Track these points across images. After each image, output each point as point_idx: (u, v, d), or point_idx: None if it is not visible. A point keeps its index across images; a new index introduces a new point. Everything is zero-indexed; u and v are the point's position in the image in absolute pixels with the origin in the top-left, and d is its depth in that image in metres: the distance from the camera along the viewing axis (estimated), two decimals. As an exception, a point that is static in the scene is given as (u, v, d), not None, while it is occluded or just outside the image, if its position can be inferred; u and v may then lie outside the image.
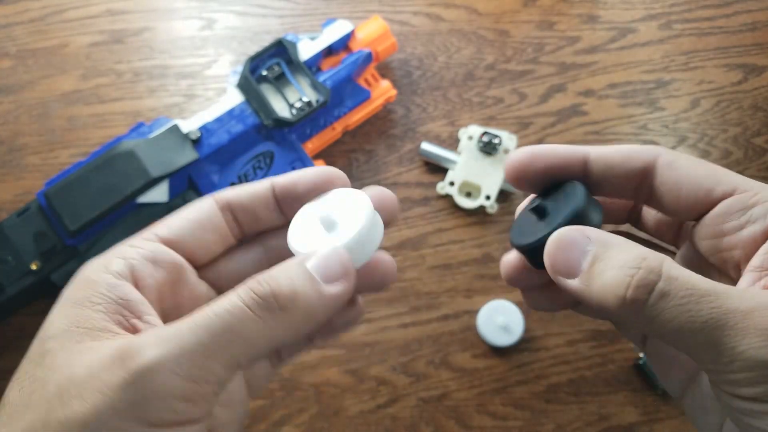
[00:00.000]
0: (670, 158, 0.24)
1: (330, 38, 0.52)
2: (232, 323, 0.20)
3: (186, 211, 0.26)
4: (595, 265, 0.21)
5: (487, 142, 0.52)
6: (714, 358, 0.20)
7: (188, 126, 0.50)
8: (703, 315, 0.19)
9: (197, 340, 0.20)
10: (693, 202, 0.23)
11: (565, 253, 0.22)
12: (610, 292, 0.21)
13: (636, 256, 0.21)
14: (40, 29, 0.58)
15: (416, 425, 0.50)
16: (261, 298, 0.21)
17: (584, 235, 0.22)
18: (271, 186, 0.27)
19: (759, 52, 0.58)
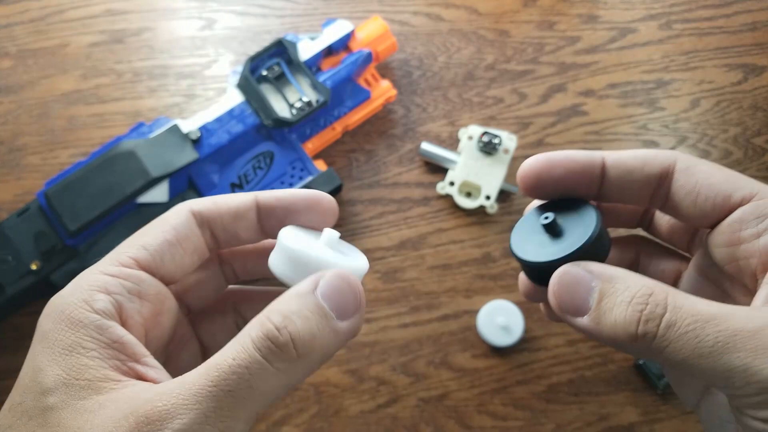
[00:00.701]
0: (687, 163, 0.24)
1: (330, 38, 0.52)
2: (251, 381, 0.19)
3: (162, 228, 0.24)
4: (602, 302, 0.21)
5: (487, 142, 0.52)
6: (727, 383, 0.19)
7: (188, 126, 0.50)
8: (710, 340, 0.19)
9: (219, 405, 0.19)
10: (710, 207, 0.23)
11: (570, 292, 0.22)
12: (621, 329, 0.21)
13: (642, 291, 0.21)
14: (40, 29, 0.58)
15: (416, 425, 0.50)
16: (280, 350, 0.20)
17: (588, 272, 0.22)
18: (254, 203, 0.25)
19: (759, 52, 0.58)
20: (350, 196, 0.54)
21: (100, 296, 0.21)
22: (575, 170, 0.24)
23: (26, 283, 0.47)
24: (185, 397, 0.19)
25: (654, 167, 0.24)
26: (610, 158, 0.24)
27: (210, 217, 0.25)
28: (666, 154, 0.24)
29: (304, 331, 0.20)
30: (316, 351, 0.21)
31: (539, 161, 0.24)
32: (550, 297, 0.22)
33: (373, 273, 0.53)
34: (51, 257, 0.47)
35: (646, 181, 0.24)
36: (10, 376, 0.50)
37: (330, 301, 0.21)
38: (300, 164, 0.51)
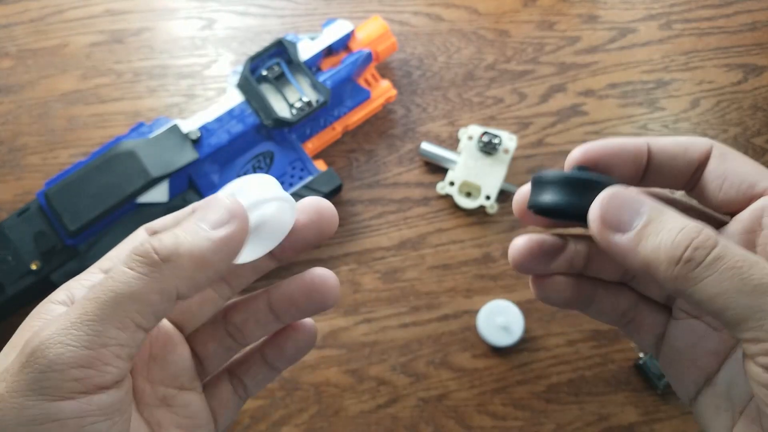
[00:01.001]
0: (722, 150, 0.25)
1: (330, 38, 0.52)
2: (115, 287, 0.21)
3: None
4: (649, 226, 0.22)
5: (487, 142, 0.52)
6: (758, 324, 0.20)
7: (188, 126, 0.50)
8: (755, 278, 0.20)
9: (83, 311, 0.21)
10: (735, 193, 0.24)
11: (618, 208, 0.22)
12: (665, 252, 0.21)
13: (693, 225, 0.21)
14: (40, 29, 0.58)
15: (416, 425, 0.50)
16: (141, 256, 0.21)
17: (640, 197, 0.22)
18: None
19: (759, 52, 0.58)
20: (350, 196, 0.54)
21: (61, 292, 0.24)
22: (627, 159, 0.25)
23: (26, 283, 0.47)
24: (57, 315, 0.21)
25: (694, 152, 0.25)
26: (655, 145, 0.25)
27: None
28: (703, 140, 0.25)
29: (167, 238, 0.22)
30: (184, 255, 0.21)
31: (593, 151, 0.25)
32: (594, 210, 0.22)
33: (373, 273, 0.53)
34: (51, 257, 0.47)
35: (688, 165, 0.25)
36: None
37: (200, 216, 0.23)
38: (300, 164, 0.51)
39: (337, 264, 0.53)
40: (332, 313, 0.52)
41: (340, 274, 0.53)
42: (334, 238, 0.53)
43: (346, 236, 0.53)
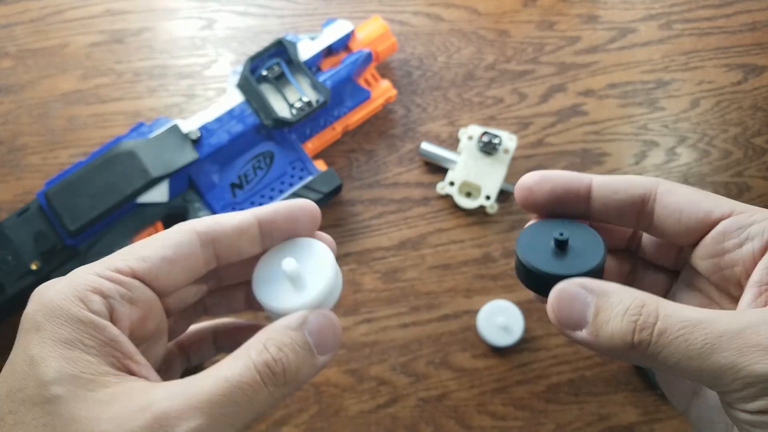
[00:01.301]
0: (669, 186, 0.26)
1: (330, 38, 0.52)
2: (251, 396, 0.22)
3: (164, 244, 0.25)
4: (599, 316, 0.23)
5: (487, 142, 0.52)
6: (716, 381, 0.21)
7: (188, 126, 0.50)
8: (699, 342, 0.21)
9: (225, 412, 0.21)
10: (694, 223, 0.25)
11: (568, 307, 0.24)
12: (619, 339, 0.22)
13: (635, 303, 0.22)
14: (40, 29, 0.58)
15: (416, 425, 0.50)
16: (274, 375, 0.23)
17: (584, 288, 0.24)
18: (255, 220, 0.27)
19: (759, 52, 0.58)
20: (350, 196, 0.54)
21: (95, 297, 0.23)
22: (563, 186, 0.26)
23: (26, 283, 0.47)
24: (199, 401, 0.21)
25: (638, 188, 0.26)
26: (597, 179, 0.26)
27: (215, 236, 0.26)
28: (649, 179, 0.26)
29: (293, 363, 0.24)
30: (298, 380, 0.24)
31: (532, 177, 0.27)
32: (550, 312, 0.24)
33: (373, 273, 0.53)
34: (51, 257, 0.47)
35: (631, 201, 0.26)
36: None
37: (314, 338, 0.25)
38: (300, 164, 0.51)
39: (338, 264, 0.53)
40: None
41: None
42: (334, 238, 0.53)
43: (346, 236, 0.53)
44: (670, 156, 0.56)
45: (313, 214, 0.28)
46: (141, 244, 0.25)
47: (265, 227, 0.27)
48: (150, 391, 0.21)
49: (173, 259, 0.25)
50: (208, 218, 0.26)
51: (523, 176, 0.27)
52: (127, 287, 0.24)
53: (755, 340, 0.20)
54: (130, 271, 0.24)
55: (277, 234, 0.27)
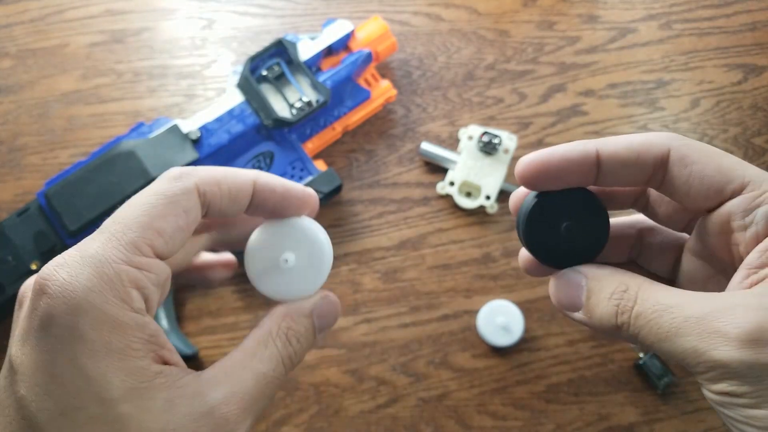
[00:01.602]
0: (681, 153, 0.24)
1: (330, 38, 0.52)
2: (277, 387, 0.25)
3: (175, 212, 0.24)
4: (590, 298, 0.25)
5: (487, 142, 0.52)
6: (684, 363, 0.22)
7: (188, 126, 0.50)
8: (665, 326, 0.22)
9: (262, 406, 0.24)
10: (702, 200, 0.25)
11: (566, 292, 0.26)
12: (606, 320, 0.24)
13: (619, 288, 0.24)
14: (40, 29, 0.58)
15: (416, 425, 0.50)
16: (292, 365, 0.26)
17: (579, 274, 0.26)
18: (251, 188, 0.26)
19: (759, 52, 0.58)
20: (350, 196, 0.54)
21: (135, 294, 0.22)
22: (571, 168, 0.25)
23: (26, 283, 0.47)
24: (248, 402, 0.23)
25: (647, 158, 0.25)
26: (604, 151, 0.25)
27: (212, 199, 0.25)
28: (660, 141, 0.25)
29: (305, 350, 0.26)
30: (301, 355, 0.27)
31: (533, 163, 0.25)
32: (551, 297, 0.26)
33: (373, 273, 0.53)
34: (51, 257, 0.47)
35: (640, 172, 0.25)
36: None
37: (319, 321, 0.27)
38: (300, 164, 0.51)
39: (337, 264, 0.53)
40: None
41: (340, 274, 0.53)
42: (334, 238, 0.53)
43: (346, 236, 0.53)
44: (670, 156, 0.56)
45: (315, 206, 0.28)
46: (151, 212, 0.23)
47: (258, 198, 0.26)
48: (203, 392, 0.23)
49: (185, 227, 0.24)
50: (206, 174, 0.25)
51: (521, 161, 0.26)
52: (155, 271, 0.23)
53: (714, 326, 0.21)
54: (153, 251, 0.23)
55: (267, 209, 0.27)
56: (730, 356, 0.20)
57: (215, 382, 0.23)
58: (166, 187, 0.24)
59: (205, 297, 0.52)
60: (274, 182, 0.27)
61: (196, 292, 0.52)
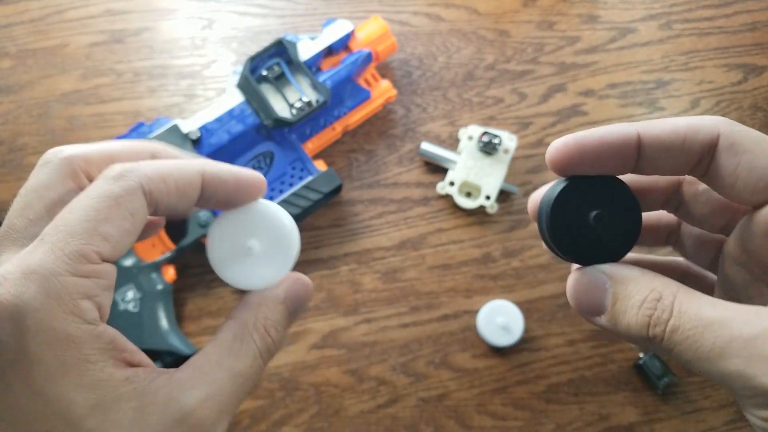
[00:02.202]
0: (731, 140, 0.23)
1: (330, 38, 0.52)
2: (255, 381, 0.24)
3: (121, 215, 0.22)
4: (616, 304, 0.22)
5: (487, 142, 0.52)
6: (729, 385, 0.20)
7: (188, 126, 0.50)
8: (708, 345, 0.20)
9: (239, 403, 0.24)
10: (749, 193, 0.22)
11: (587, 294, 0.23)
12: (636, 331, 0.22)
13: (652, 295, 0.21)
14: (40, 29, 0.58)
15: (416, 425, 0.50)
16: (270, 356, 0.25)
17: (602, 274, 0.23)
18: (200, 181, 0.24)
19: (759, 52, 0.58)
20: (350, 196, 0.54)
21: (86, 304, 0.21)
22: (609, 153, 0.23)
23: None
24: (225, 404, 0.23)
25: (694, 145, 0.23)
26: (647, 135, 0.23)
27: (159, 197, 0.23)
28: (708, 127, 0.23)
29: (284, 337, 0.26)
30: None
31: (569, 146, 0.23)
32: (569, 297, 0.23)
33: (373, 273, 0.53)
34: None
35: (685, 159, 0.23)
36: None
37: (293, 304, 0.26)
38: (300, 164, 0.51)
39: (337, 264, 0.53)
40: (332, 313, 0.52)
41: (340, 274, 0.53)
42: (334, 238, 0.53)
43: (346, 236, 0.53)
44: (670, 156, 0.56)
45: (263, 189, 0.26)
46: (95, 216, 0.21)
47: (208, 191, 0.25)
48: (176, 396, 0.22)
49: (132, 230, 0.22)
50: (150, 170, 0.23)
51: (554, 144, 0.23)
52: (105, 277, 0.22)
53: (765, 350, 0.19)
54: (100, 257, 0.21)
55: (219, 200, 0.25)
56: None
57: (189, 384, 0.22)
58: (108, 188, 0.22)
59: (205, 297, 0.52)
60: (223, 172, 0.25)
61: (196, 291, 0.52)
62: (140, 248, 0.49)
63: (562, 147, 0.23)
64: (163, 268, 0.49)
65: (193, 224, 0.50)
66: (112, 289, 0.22)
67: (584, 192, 0.24)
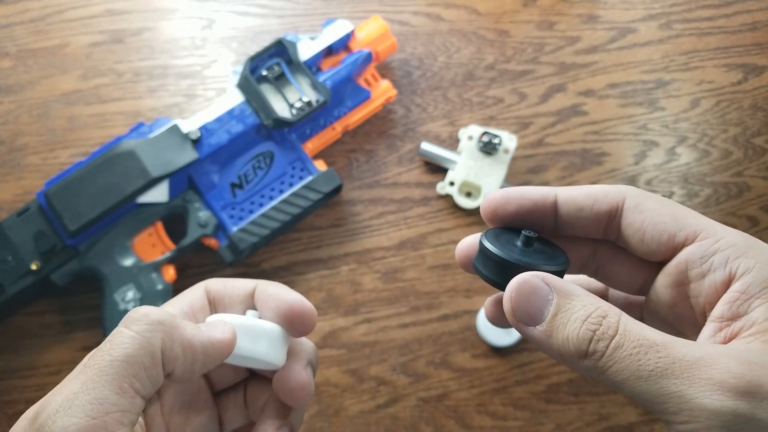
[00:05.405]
0: (636, 201, 0.25)
1: (330, 38, 0.52)
2: (113, 351, 0.23)
3: (180, 301, 0.28)
4: (557, 316, 0.22)
5: (487, 142, 0.52)
6: (662, 407, 0.20)
7: (188, 126, 0.50)
8: (651, 364, 0.20)
9: (85, 378, 0.22)
10: (656, 246, 0.24)
11: (527, 300, 0.23)
12: (573, 344, 0.22)
13: (598, 312, 0.22)
14: (40, 29, 0.58)
15: (416, 425, 0.50)
16: (138, 320, 0.24)
17: (546, 283, 0.23)
18: (253, 292, 0.29)
19: (759, 52, 0.58)
20: (350, 196, 0.54)
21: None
22: (528, 207, 0.26)
23: (26, 283, 0.47)
24: (62, 388, 0.23)
25: (603, 205, 0.25)
26: (562, 196, 0.26)
27: (216, 296, 0.29)
28: (616, 191, 0.25)
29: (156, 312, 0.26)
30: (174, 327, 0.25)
31: (495, 199, 0.26)
32: (506, 302, 0.23)
33: (373, 273, 0.53)
34: (51, 257, 0.47)
35: (596, 218, 0.25)
36: (10, 376, 0.50)
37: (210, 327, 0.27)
38: (300, 164, 0.51)
39: (337, 264, 0.53)
40: (332, 313, 0.52)
41: (340, 274, 0.53)
42: (334, 238, 0.53)
43: (346, 236, 0.53)
44: (670, 156, 0.56)
45: (309, 320, 0.29)
46: (166, 304, 0.28)
47: (258, 302, 0.29)
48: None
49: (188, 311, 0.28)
50: (220, 279, 0.29)
51: (487, 196, 0.27)
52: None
53: (708, 373, 0.20)
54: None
55: (264, 313, 0.29)
56: (723, 406, 0.19)
57: None
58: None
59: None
60: (274, 293, 0.29)
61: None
62: (140, 248, 0.49)
63: (491, 199, 0.26)
64: (163, 268, 0.49)
65: (193, 224, 0.50)
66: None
67: (513, 229, 0.27)
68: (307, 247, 0.53)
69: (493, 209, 0.26)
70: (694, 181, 0.55)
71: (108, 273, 0.48)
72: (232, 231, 0.49)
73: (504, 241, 0.25)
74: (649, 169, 0.55)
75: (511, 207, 0.26)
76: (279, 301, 0.28)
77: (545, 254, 0.25)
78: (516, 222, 0.26)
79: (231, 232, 0.49)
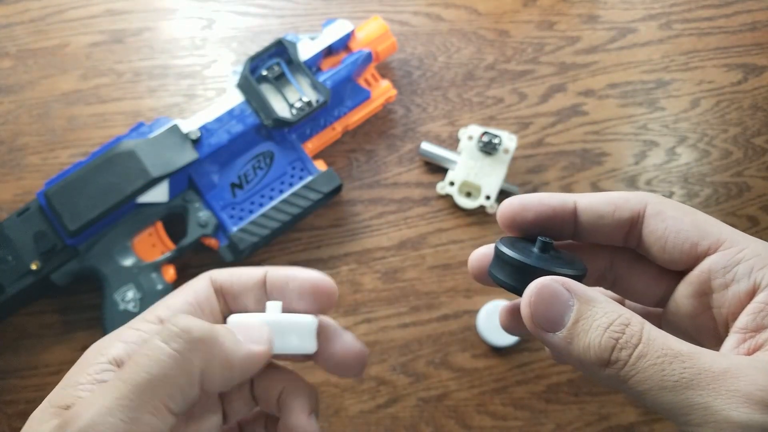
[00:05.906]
0: (658, 208, 0.25)
1: (330, 38, 0.52)
2: (150, 368, 0.22)
3: (185, 292, 0.28)
4: (578, 323, 0.22)
5: (487, 142, 0.52)
6: (686, 418, 0.20)
7: (188, 126, 0.50)
8: (676, 374, 0.20)
9: (120, 394, 0.22)
10: (678, 255, 0.24)
11: (547, 305, 0.22)
12: (594, 352, 0.21)
13: (620, 320, 0.21)
14: (40, 29, 0.58)
15: (416, 425, 0.50)
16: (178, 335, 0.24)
17: (567, 288, 0.22)
18: (263, 279, 0.28)
19: (759, 52, 0.58)
20: (350, 196, 0.54)
21: (117, 344, 0.25)
22: (547, 214, 0.25)
23: (26, 283, 0.47)
24: (96, 398, 0.22)
25: (624, 212, 0.25)
26: (582, 203, 0.25)
27: (224, 285, 0.29)
28: (637, 197, 0.25)
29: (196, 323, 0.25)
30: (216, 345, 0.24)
31: (513, 205, 0.26)
32: (524, 306, 0.22)
33: (373, 273, 0.53)
34: (51, 257, 0.47)
35: (617, 225, 0.25)
36: (10, 376, 0.50)
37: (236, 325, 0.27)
38: (300, 164, 0.51)
39: (337, 264, 0.53)
40: (332, 314, 0.52)
41: (340, 274, 0.53)
42: (334, 238, 0.53)
43: (346, 236, 0.53)
44: (670, 156, 0.56)
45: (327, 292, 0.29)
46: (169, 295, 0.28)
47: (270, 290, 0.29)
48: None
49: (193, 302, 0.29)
50: (225, 269, 0.29)
51: (504, 203, 0.26)
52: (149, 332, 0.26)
53: (735, 385, 0.19)
54: (156, 319, 0.27)
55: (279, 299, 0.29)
56: (751, 420, 0.19)
57: None
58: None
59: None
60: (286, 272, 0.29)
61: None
62: (140, 248, 0.49)
63: (509, 206, 0.26)
64: (163, 268, 0.49)
65: (193, 224, 0.50)
66: None
67: (528, 240, 0.26)
68: (307, 247, 0.53)
69: (511, 216, 0.26)
70: (694, 181, 0.55)
71: (108, 273, 0.48)
72: (232, 231, 0.49)
73: (520, 247, 0.25)
74: (649, 169, 0.55)
75: (530, 214, 0.26)
76: (301, 281, 0.28)
77: (563, 260, 0.24)
78: (534, 229, 0.26)
79: (231, 232, 0.49)
